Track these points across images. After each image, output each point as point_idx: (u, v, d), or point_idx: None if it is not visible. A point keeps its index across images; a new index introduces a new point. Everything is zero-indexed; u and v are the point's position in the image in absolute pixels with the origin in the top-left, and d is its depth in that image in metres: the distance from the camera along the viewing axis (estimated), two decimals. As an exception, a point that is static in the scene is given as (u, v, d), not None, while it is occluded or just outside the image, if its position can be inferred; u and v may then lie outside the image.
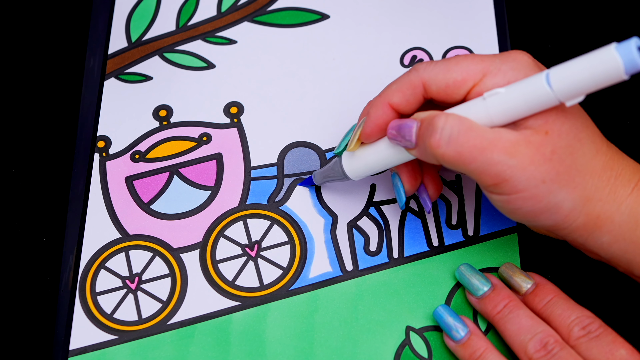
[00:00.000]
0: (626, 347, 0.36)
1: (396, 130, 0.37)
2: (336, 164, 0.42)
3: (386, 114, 0.38)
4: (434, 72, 0.37)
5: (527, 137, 0.34)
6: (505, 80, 0.35)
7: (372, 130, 0.39)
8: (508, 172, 0.34)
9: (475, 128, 0.34)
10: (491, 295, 0.40)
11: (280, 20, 0.51)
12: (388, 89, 0.38)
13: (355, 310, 0.43)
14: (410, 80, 0.37)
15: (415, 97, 0.38)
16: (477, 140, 0.34)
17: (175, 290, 0.44)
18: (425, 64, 0.37)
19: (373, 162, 0.40)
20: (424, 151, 0.36)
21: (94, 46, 0.51)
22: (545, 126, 0.34)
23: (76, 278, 0.44)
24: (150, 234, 0.45)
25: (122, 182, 0.47)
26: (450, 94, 0.36)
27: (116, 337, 0.42)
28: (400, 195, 0.41)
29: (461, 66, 0.36)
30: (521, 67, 0.35)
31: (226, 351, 0.42)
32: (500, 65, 0.36)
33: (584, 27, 0.51)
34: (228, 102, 0.49)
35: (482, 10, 0.51)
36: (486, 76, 0.36)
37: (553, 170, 0.34)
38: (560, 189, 0.34)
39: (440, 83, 0.36)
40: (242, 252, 0.44)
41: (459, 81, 0.36)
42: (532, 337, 0.37)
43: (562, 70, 0.33)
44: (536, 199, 0.34)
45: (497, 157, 0.34)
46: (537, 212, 0.35)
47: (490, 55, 0.37)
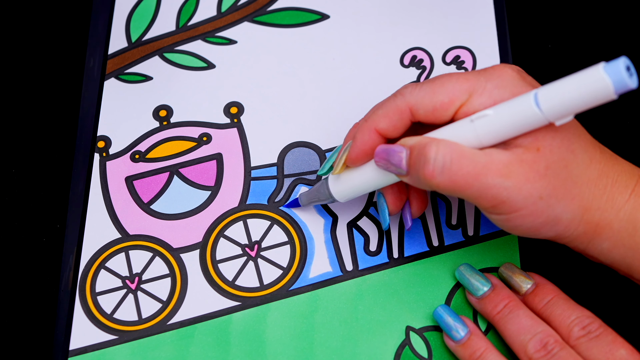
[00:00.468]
0: (626, 347, 0.36)
1: (384, 159, 0.37)
2: (322, 186, 0.42)
3: (372, 140, 0.38)
4: (420, 96, 0.36)
5: (519, 156, 0.34)
6: (492, 100, 0.35)
7: (357, 156, 0.38)
8: (504, 193, 0.34)
9: (466, 154, 0.34)
10: (491, 295, 0.40)
11: (280, 20, 0.51)
12: (374, 114, 0.38)
13: (355, 310, 0.43)
14: (397, 106, 0.37)
15: (402, 121, 0.37)
16: (470, 167, 0.34)
17: (175, 290, 0.44)
18: (410, 87, 0.37)
19: (360, 185, 0.40)
20: (416, 180, 0.36)
21: (94, 46, 0.51)
22: (536, 143, 0.34)
23: (76, 278, 0.44)
24: (150, 234, 0.45)
25: (122, 182, 0.47)
26: (438, 116, 0.36)
27: (116, 337, 0.42)
28: (384, 216, 0.41)
29: (446, 88, 0.36)
30: (506, 84, 0.35)
31: (226, 351, 0.42)
32: (485, 83, 0.35)
33: (584, 27, 0.51)
34: (228, 102, 0.49)
35: (482, 10, 0.51)
36: (472, 96, 0.35)
37: (549, 185, 0.34)
38: (558, 202, 0.34)
39: (427, 107, 0.36)
40: (242, 252, 0.44)
41: (445, 103, 0.36)
42: (532, 337, 0.37)
43: (550, 90, 0.33)
44: (535, 215, 0.34)
45: (492, 180, 0.34)
46: (537, 226, 0.35)
47: (475, 72, 0.36)
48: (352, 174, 0.40)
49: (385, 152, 0.37)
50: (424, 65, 0.49)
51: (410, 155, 0.36)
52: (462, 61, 0.49)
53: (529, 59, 0.50)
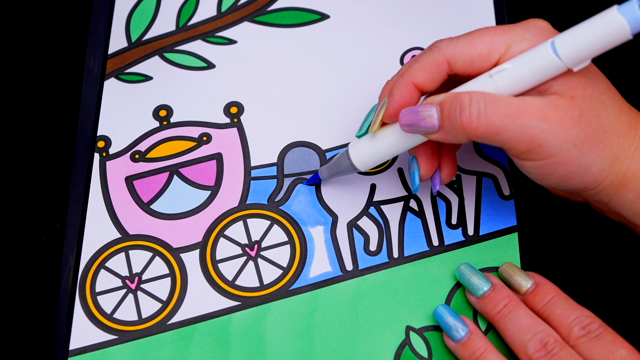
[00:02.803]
0: (626, 347, 0.36)
1: (413, 120, 0.37)
2: (342, 156, 0.42)
3: (410, 94, 0.38)
4: (458, 48, 0.37)
5: (554, 102, 0.34)
6: (530, 46, 0.36)
7: (395, 110, 0.38)
8: (541, 136, 0.34)
9: (500, 98, 0.35)
10: (491, 295, 0.40)
11: (280, 20, 0.51)
12: (410, 69, 0.38)
13: (355, 310, 0.42)
14: (434, 59, 0.37)
15: (439, 74, 0.38)
16: (506, 109, 0.34)
17: (175, 290, 0.44)
18: (447, 40, 0.38)
19: (382, 151, 0.40)
20: (451, 131, 0.36)
21: (94, 46, 0.51)
22: (570, 91, 0.35)
23: (76, 278, 0.44)
24: (150, 233, 0.45)
25: (122, 182, 0.47)
26: (476, 67, 0.37)
27: (116, 337, 0.42)
28: (414, 180, 0.41)
29: (485, 39, 0.36)
30: (543, 32, 0.36)
31: (226, 351, 0.42)
32: (522, 33, 0.36)
33: (584, 27, 0.51)
34: (228, 102, 0.49)
35: (482, 10, 0.51)
36: (511, 46, 0.36)
37: (582, 132, 0.34)
38: (591, 151, 0.35)
39: (465, 58, 0.37)
40: (242, 252, 0.44)
41: (484, 54, 0.36)
42: (532, 336, 0.37)
43: (567, 37, 0.34)
44: (568, 162, 0.35)
45: (529, 122, 0.34)
46: (568, 175, 0.36)
47: (510, 25, 0.37)
48: (373, 140, 0.40)
49: (413, 114, 0.37)
50: (424, 65, 0.49)
51: (442, 110, 0.36)
52: (462, 61, 0.49)
53: (529, 59, 0.50)
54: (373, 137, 0.40)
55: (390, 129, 0.39)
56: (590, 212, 0.42)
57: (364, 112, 0.48)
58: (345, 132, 0.47)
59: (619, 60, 0.50)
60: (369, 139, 0.40)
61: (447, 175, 0.41)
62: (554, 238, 0.44)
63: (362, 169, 0.41)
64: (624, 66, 0.51)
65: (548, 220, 0.45)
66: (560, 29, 0.36)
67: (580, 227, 0.45)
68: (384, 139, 0.40)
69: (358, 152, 0.41)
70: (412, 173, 0.41)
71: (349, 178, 0.46)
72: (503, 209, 0.45)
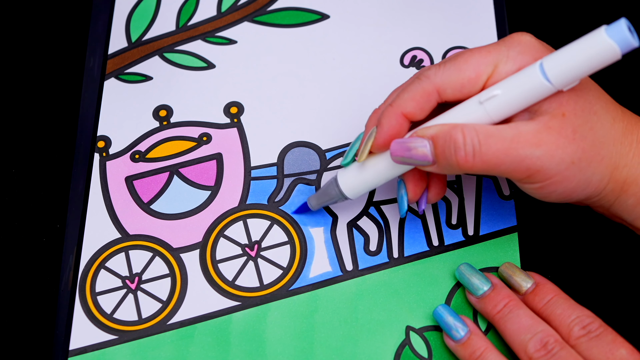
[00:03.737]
0: (626, 346, 0.36)
1: (405, 154, 0.37)
2: (331, 186, 0.41)
3: (399, 124, 0.38)
4: (446, 76, 0.37)
5: (546, 124, 0.34)
6: (517, 66, 0.35)
7: (385, 141, 0.38)
8: (538, 163, 0.34)
9: (493, 133, 0.35)
10: (491, 295, 0.40)
11: (280, 20, 0.51)
12: (400, 99, 0.38)
13: (355, 310, 0.42)
14: (424, 88, 0.37)
15: (429, 103, 0.37)
16: (499, 144, 0.34)
17: (175, 290, 0.44)
18: (434, 68, 0.37)
19: (372, 179, 0.40)
20: (445, 167, 0.36)
21: (94, 46, 0.51)
22: (561, 108, 0.35)
23: (76, 278, 0.44)
24: (150, 234, 0.45)
25: (122, 182, 0.47)
26: (466, 93, 0.36)
27: (116, 337, 0.42)
28: (402, 203, 0.40)
29: (471, 63, 0.36)
30: (528, 49, 0.36)
31: (226, 351, 0.42)
32: (507, 52, 0.36)
33: (584, 27, 0.51)
34: (228, 102, 0.49)
35: (482, 10, 0.51)
36: (498, 66, 0.36)
37: (579, 149, 0.34)
38: (589, 165, 0.35)
39: (454, 85, 0.36)
40: (242, 252, 0.44)
41: (473, 78, 0.36)
42: (532, 336, 0.37)
43: (556, 60, 0.33)
44: (568, 180, 0.35)
45: (524, 152, 0.34)
46: (569, 191, 0.36)
47: (494, 44, 0.37)
48: (362, 168, 0.40)
49: (405, 148, 0.37)
50: (423, 65, 0.49)
51: (435, 146, 0.36)
52: (462, 61, 0.49)
53: (529, 59, 0.50)
54: (362, 165, 0.40)
55: (380, 157, 0.39)
56: (590, 212, 0.42)
57: (364, 112, 0.48)
58: (345, 132, 0.47)
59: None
60: (358, 167, 0.40)
61: (435, 196, 0.41)
62: (554, 238, 0.44)
63: (352, 197, 0.41)
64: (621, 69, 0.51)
65: (548, 220, 0.45)
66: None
67: (580, 227, 0.45)
68: (372, 167, 0.39)
69: (347, 180, 0.40)
70: (400, 197, 0.41)
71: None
72: (503, 209, 0.45)
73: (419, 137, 0.36)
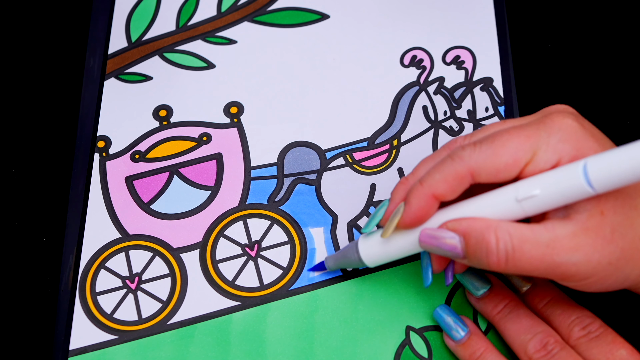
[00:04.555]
0: (626, 347, 0.36)
1: (434, 245, 0.35)
2: (351, 251, 0.40)
3: (429, 205, 0.36)
4: (481, 159, 0.34)
5: (584, 224, 0.33)
6: (557, 156, 0.33)
7: (412, 221, 0.36)
8: (573, 269, 0.33)
9: (528, 238, 0.33)
10: (491, 295, 0.40)
11: (280, 20, 0.51)
12: (431, 179, 0.35)
13: (355, 310, 0.42)
14: (457, 170, 0.35)
15: (462, 186, 0.35)
16: (534, 250, 0.33)
17: (175, 290, 0.44)
18: (469, 150, 0.35)
19: (394, 252, 0.38)
20: (476, 264, 0.35)
21: (94, 46, 0.51)
22: (599, 206, 0.33)
23: (76, 278, 0.44)
24: (150, 233, 0.45)
25: (122, 182, 0.47)
26: (501, 178, 0.35)
27: (116, 337, 0.42)
28: (427, 275, 0.39)
29: (509, 148, 0.34)
30: (569, 137, 0.34)
31: (226, 351, 0.42)
32: (547, 139, 0.34)
33: (584, 27, 0.51)
34: (228, 102, 0.49)
35: (482, 10, 0.51)
36: (537, 154, 0.34)
37: (617, 249, 0.33)
38: (627, 264, 0.33)
39: (490, 170, 0.34)
40: (242, 252, 0.44)
41: (510, 164, 0.34)
42: (532, 337, 0.37)
43: (601, 164, 0.31)
44: (604, 279, 0.34)
45: (559, 259, 0.33)
46: (606, 287, 0.34)
47: (534, 125, 0.35)
48: (385, 241, 0.38)
49: (434, 238, 0.35)
50: (424, 65, 0.49)
51: (467, 244, 0.34)
52: (462, 61, 0.49)
53: (529, 59, 0.50)
54: (386, 239, 0.38)
55: (405, 234, 0.37)
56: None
57: (364, 112, 0.48)
58: (345, 132, 0.47)
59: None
60: (380, 239, 0.39)
61: (461, 267, 0.39)
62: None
63: (370, 266, 0.40)
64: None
65: (548, 221, 0.45)
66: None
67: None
68: (397, 243, 0.38)
69: (368, 248, 0.39)
70: (424, 269, 0.39)
71: (349, 178, 0.46)
72: (503, 209, 0.45)
73: (450, 232, 0.35)
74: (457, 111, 0.48)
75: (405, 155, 0.46)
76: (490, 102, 0.48)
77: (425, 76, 0.49)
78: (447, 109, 0.48)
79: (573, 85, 0.49)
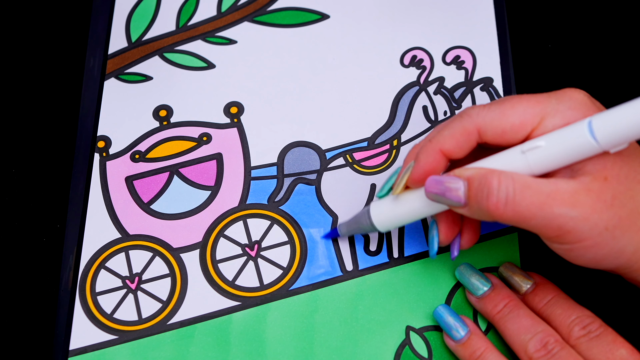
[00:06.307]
0: (626, 346, 0.36)
1: (439, 190, 0.36)
2: (363, 216, 0.41)
3: (437, 160, 0.37)
4: (489, 118, 0.35)
5: (586, 185, 0.33)
6: (564, 121, 0.34)
7: (420, 176, 0.37)
8: (570, 223, 0.33)
9: (530, 184, 0.33)
10: (491, 295, 0.40)
11: (280, 20, 0.51)
12: (439, 135, 0.37)
13: (355, 310, 0.42)
14: (464, 127, 0.36)
15: (469, 143, 0.36)
16: (535, 197, 0.33)
17: (175, 290, 0.44)
18: (477, 108, 0.36)
19: (405, 215, 0.39)
20: (476, 211, 0.35)
21: (94, 46, 0.51)
22: (604, 171, 0.33)
23: (76, 278, 0.44)
24: (150, 234, 0.45)
25: (122, 182, 0.47)
26: (507, 139, 0.35)
27: (116, 337, 0.42)
28: (433, 244, 0.39)
29: (517, 110, 0.35)
30: (579, 106, 0.34)
31: (226, 351, 0.42)
32: (557, 105, 0.35)
33: (584, 27, 0.51)
34: (228, 102, 0.49)
35: (482, 10, 0.51)
36: (545, 119, 0.35)
37: (615, 216, 0.33)
38: (623, 234, 0.34)
39: (496, 129, 0.35)
40: (242, 252, 0.44)
41: (516, 126, 0.35)
42: (533, 336, 0.37)
43: (605, 119, 0.32)
44: (599, 246, 0.34)
45: (558, 210, 0.33)
46: (600, 258, 0.34)
47: (545, 94, 0.36)
48: (396, 203, 0.39)
49: (439, 184, 0.36)
50: (424, 65, 0.49)
51: (469, 187, 0.35)
52: (462, 61, 0.49)
53: (529, 59, 0.50)
54: (395, 199, 0.39)
55: (414, 194, 0.38)
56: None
57: (364, 112, 0.48)
58: (345, 132, 0.47)
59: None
60: (391, 201, 0.39)
61: (468, 242, 0.40)
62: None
63: (382, 230, 0.40)
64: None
65: (548, 220, 0.45)
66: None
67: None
68: (406, 203, 0.38)
69: (379, 213, 0.40)
70: (431, 238, 0.39)
71: (349, 178, 0.46)
72: (503, 209, 0.45)
73: (455, 177, 0.35)
74: (457, 111, 0.48)
75: (405, 156, 0.46)
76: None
77: (425, 76, 0.49)
78: (447, 109, 0.48)
79: (573, 85, 0.49)
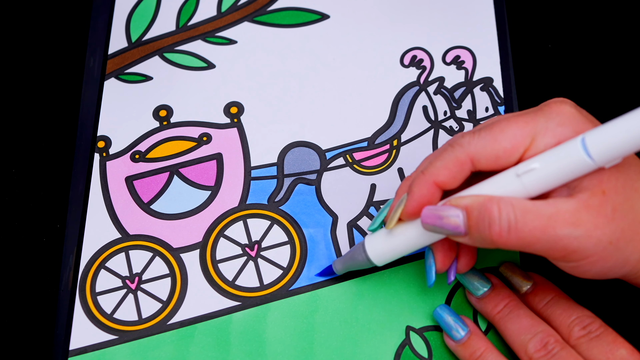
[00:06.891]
0: (626, 347, 0.36)
1: (437, 222, 0.35)
2: (358, 251, 0.40)
3: (431, 193, 0.36)
4: (480, 145, 0.35)
5: (586, 202, 0.33)
6: (556, 139, 0.34)
7: (414, 209, 0.36)
8: (575, 243, 0.33)
9: (530, 209, 0.33)
10: (491, 295, 0.40)
11: (280, 20, 0.51)
12: (432, 167, 0.36)
13: (355, 310, 0.42)
14: (457, 157, 0.35)
15: (462, 173, 0.36)
16: (537, 221, 0.33)
17: (175, 290, 0.44)
18: (468, 136, 0.36)
19: (402, 247, 0.38)
20: (478, 240, 0.35)
21: (94, 46, 0.51)
22: (601, 185, 0.33)
23: (76, 278, 0.44)
24: (150, 234, 0.45)
25: (122, 182, 0.47)
26: (502, 164, 0.35)
27: (116, 337, 0.42)
28: (430, 273, 0.39)
29: (508, 134, 0.35)
30: (567, 121, 0.34)
31: (226, 351, 0.42)
32: (546, 123, 0.34)
33: (584, 27, 0.51)
34: (228, 102, 0.49)
35: (482, 10, 0.51)
36: (536, 138, 0.34)
37: (618, 229, 0.33)
38: (627, 245, 0.33)
39: (489, 156, 0.35)
40: (242, 252, 0.44)
41: (509, 150, 0.34)
42: (533, 336, 0.37)
43: (599, 136, 0.32)
44: (605, 260, 0.34)
45: (561, 232, 0.33)
46: (606, 270, 0.34)
47: (531, 112, 0.35)
48: (390, 235, 0.38)
49: (436, 216, 0.35)
50: (424, 65, 0.49)
51: (469, 217, 0.34)
52: (462, 61, 0.49)
53: (529, 59, 0.50)
54: (390, 232, 0.38)
55: (409, 225, 0.37)
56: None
57: (364, 112, 0.48)
58: (345, 132, 0.47)
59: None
60: (386, 234, 0.38)
61: (465, 267, 0.39)
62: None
63: (379, 264, 0.40)
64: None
65: (548, 220, 0.45)
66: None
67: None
68: (401, 235, 0.38)
69: (374, 247, 0.39)
70: (428, 267, 0.39)
71: (349, 178, 0.46)
72: (503, 209, 0.45)
73: (452, 207, 0.35)
74: (457, 111, 0.48)
75: (406, 155, 0.46)
76: (490, 102, 0.48)
77: (425, 76, 0.49)
78: (447, 109, 0.48)
79: (573, 84, 0.49)
